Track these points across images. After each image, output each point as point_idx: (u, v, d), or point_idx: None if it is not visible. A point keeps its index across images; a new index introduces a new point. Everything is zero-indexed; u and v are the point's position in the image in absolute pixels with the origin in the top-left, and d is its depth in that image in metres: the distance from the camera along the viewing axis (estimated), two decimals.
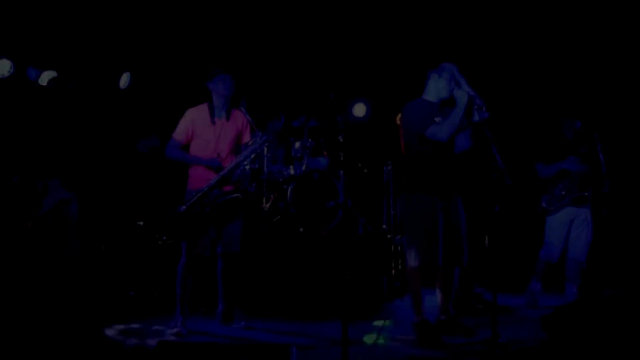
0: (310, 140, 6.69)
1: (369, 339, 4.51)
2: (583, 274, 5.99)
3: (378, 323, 5.05)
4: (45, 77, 5.76)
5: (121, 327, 5.05)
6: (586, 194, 5.91)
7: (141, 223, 6.38)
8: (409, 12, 6.54)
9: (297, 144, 6.67)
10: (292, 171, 6.57)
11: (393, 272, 6.72)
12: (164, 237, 4.73)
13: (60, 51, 5.98)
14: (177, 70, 6.98)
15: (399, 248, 6.87)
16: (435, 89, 4.62)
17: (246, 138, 5.00)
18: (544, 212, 6.02)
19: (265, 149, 5.43)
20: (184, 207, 4.67)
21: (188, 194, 4.82)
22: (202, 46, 6.80)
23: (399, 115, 4.78)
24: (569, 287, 5.95)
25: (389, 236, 6.85)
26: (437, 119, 4.50)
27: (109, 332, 4.85)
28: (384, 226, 6.92)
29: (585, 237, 5.94)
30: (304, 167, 6.54)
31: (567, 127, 6.08)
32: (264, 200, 6.11)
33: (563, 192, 5.93)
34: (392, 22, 6.77)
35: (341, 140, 6.62)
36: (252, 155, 4.84)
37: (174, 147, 4.90)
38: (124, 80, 6.25)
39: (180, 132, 4.90)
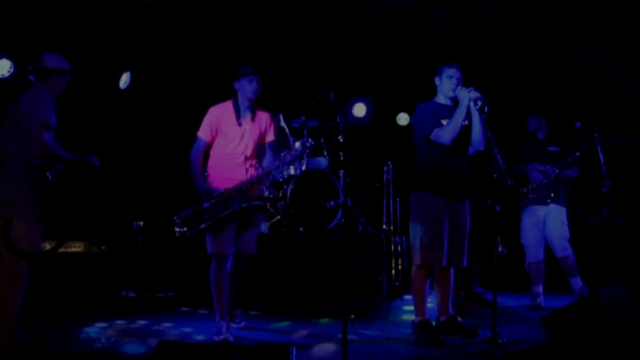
0: (310, 140, 6.69)
1: None
2: (578, 267, 6.04)
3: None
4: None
5: (121, 326, 5.06)
6: (545, 192, 5.98)
7: (141, 223, 6.38)
8: (409, 12, 6.54)
9: (297, 144, 6.68)
10: (292, 171, 6.57)
11: (393, 272, 6.73)
12: (183, 229, 4.58)
13: (60, 51, 5.97)
14: (178, 71, 6.99)
15: (399, 248, 6.88)
16: (441, 91, 4.65)
17: (269, 137, 4.92)
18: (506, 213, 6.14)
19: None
20: (208, 203, 4.57)
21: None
22: (202, 46, 6.81)
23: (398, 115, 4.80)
24: (573, 282, 6.00)
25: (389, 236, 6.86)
26: (443, 122, 4.51)
27: (110, 332, 4.85)
28: (384, 226, 6.92)
29: (557, 233, 6.00)
30: (304, 167, 6.54)
31: (533, 127, 6.19)
32: None
33: (526, 192, 6.08)
34: (392, 23, 6.77)
35: (341, 140, 6.62)
36: (289, 165, 4.85)
37: (199, 149, 4.75)
38: (124, 80, 6.25)
39: (206, 131, 4.76)
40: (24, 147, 3.92)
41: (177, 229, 4.60)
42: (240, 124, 4.74)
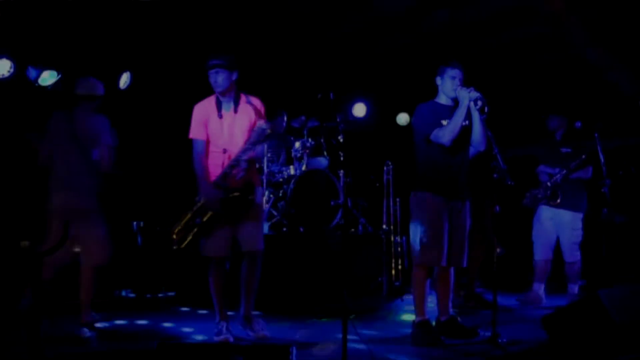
0: (310, 140, 6.70)
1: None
2: (581, 274, 6.06)
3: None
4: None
5: (121, 326, 5.06)
6: (549, 193, 6.02)
7: (141, 223, 6.38)
8: (409, 12, 6.54)
9: (297, 144, 6.68)
10: (292, 171, 6.58)
11: (393, 272, 6.73)
12: (176, 244, 4.52)
13: (60, 51, 5.98)
14: (178, 71, 6.98)
15: (399, 248, 6.88)
16: (442, 91, 4.65)
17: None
18: (526, 207, 6.22)
19: (265, 147, 5.16)
20: (195, 208, 4.46)
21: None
22: (202, 46, 6.80)
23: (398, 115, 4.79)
24: (570, 287, 6.04)
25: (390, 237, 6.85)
26: (444, 122, 4.51)
27: (110, 332, 4.85)
28: (384, 226, 6.92)
29: (568, 238, 6.02)
30: (304, 167, 6.54)
31: (552, 126, 6.19)
32: (264, 201, 6.10)
33: (537, 192, 6.13)
34: (392, 23, 6.77)
35: (341, 140, 6.62)
36: (255, 147, 4.45)
37: (199, 152, 4.51)
38: (124, 80, 6.25)
39: (199, 130, 4.53)
40: (90, 163, 4.70)
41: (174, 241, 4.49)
42: (221, 117, 4.51)
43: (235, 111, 4.54)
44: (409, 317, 4.82)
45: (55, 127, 4.77)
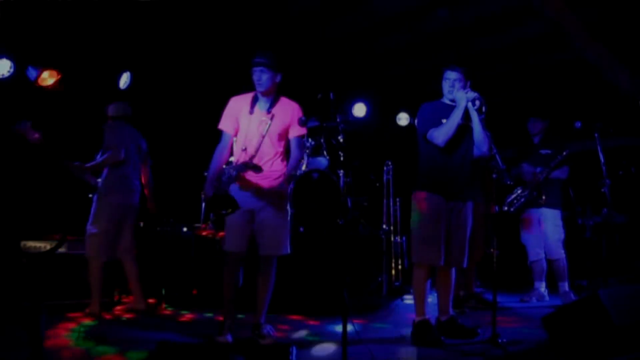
0: (310, 140, 6.69)
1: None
2: (565, 271, 6.12)
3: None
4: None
5: (121, 327, 5.05)
6: (535, 193, 6.09)
7: (141, 224, 6.37)
8: (409, 12, 6.54)
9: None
10: None
11: (393, 272, 6.73)
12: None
13: (60, 51, 5.98)
14: (178, 71, 6.98)
15: (399, 249, 6.88)
16: (444, 92, 4.65)
17: (294, 132, 4.49)
18: (505, 213, 6.26)
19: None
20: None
21: None
22: (202, 47, 6.80)
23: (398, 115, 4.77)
24: (561, 285, 6.14)
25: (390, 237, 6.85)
26: (444, 121, 4.51)
27: (110, 332, 4.85)
28: (384, 226, 6.92)
29: (551, 235, 6.14)
30: (304, 167, 6.54)
31: (534, 130, 6.32)
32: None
33: (516, 195, 6.17)
34: (392, 23, 6.77)
35: (341, 140, 6.61)
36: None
37: (222, 144, 4.41)
38: (124, 80, 6.25)
39: (225, 123, 4.42)
40: (139, 172, 5.65)
41: None
42: (252, 113, 4.37)
43: (268, 111, 4.40)
44: (409, 317, 4.82)
45: (129, 137, 5.51)
